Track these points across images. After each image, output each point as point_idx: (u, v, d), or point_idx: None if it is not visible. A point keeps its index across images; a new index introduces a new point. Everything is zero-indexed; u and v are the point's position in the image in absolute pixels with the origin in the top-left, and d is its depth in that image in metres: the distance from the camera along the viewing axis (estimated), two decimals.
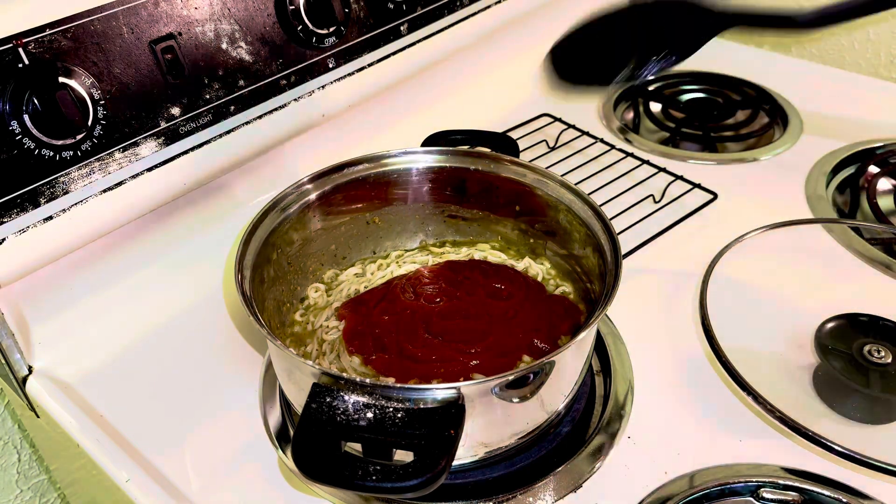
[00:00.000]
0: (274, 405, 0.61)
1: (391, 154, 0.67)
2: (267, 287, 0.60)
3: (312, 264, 0.67)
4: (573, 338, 0.50)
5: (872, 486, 0.53)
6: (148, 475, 0.55)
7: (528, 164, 0.66)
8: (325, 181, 0.65)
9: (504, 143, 0.70)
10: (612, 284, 0.52)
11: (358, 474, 0.41)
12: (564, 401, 0.54)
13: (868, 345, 0.60)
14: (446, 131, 0.71)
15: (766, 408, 0.56)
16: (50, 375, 0.63)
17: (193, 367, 0.65)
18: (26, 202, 0.55)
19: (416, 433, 0.43)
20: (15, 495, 0.93)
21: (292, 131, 0.73)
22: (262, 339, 0.67)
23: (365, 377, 0.56)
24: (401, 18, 0.78)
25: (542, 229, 0.67)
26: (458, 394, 0.45)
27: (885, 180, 0.86)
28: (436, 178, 0.68)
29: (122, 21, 0.58)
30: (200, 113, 0.64)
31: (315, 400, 0.45)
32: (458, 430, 0.44)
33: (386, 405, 0.44)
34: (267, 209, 0.60)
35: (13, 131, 0.53)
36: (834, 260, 0.74)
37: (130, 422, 0.60)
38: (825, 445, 0.53)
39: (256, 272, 0.57)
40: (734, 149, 0.95)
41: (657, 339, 0.66)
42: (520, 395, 0.49)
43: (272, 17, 0.67)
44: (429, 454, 0.42)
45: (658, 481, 0.54)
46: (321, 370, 0.46)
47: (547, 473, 0.54)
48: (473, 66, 0.95)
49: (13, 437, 0.88)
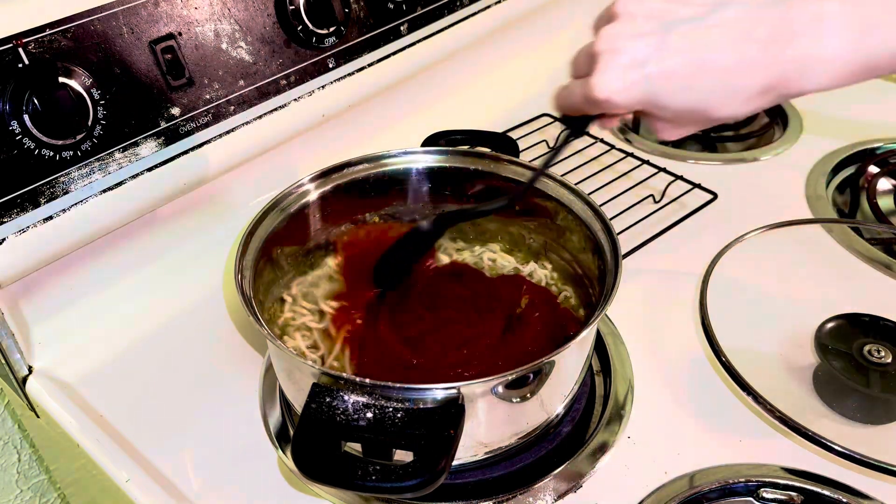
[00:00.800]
0: (274, 405, 0.61)
1: (391, 154, 0.67)
2: (267, 287, 0.60)
3: (312, 264, 0.67)
4: (573, 337, 0.50)
5: (872, 486, 0.53)
6: (148, 475, 0.55)
7: (528, 164, 0.66)
8: (325, 181, 0.65)
9: (504, 143, 0.70)
10: (611, 284, 0.52)
11: (358, 474, 0.41)
12: (564, 401, 0.54)
13: (868, 345, 0.60)
14: (446, 131, 0.71)
15: (766, 408, 0.56)
16: (50, 375, 0.63)
17: (193, 366, 0.65)
18: (26, 202, 0.55)
19: (415, 433, 0.43)
20: (15, 495, 0.93)
21: (292, 131, 0.73)
22: (262, 339, 0.67)
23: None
24: (401, 18, 0.78)
25: (542, 229, 0.67)
26: (457, 393, 0.45)
27: (885, 180, 0.86)
28: (436, 178, 0.68)
29: (122, 21, 0.58)
30: (200, 113, 0.64)
31: (315, 400, 0.45)
32: (458, 429, 0.44)
33: (386, 405, 0.44)
34: (267, 209, 0.60)
35: (13, 131, 0.53)
36: (834, 260, 0.74)
37: (130, 422, 0.60)
38: (825, 445, 0.53)
39: (256, 272, 0.57)
40: (734, 149, 0.95)
41: (657, 339, 0.66)
42: (520, 394, 0.49)
43: (272, 17, 0.67)
44: (429, 454, 0.42)
45: (658, 481, 0.54)
46: (321, 370, 0.46)
47: (547, 473, 0.54)
48: (473, 66, 0.95)
49: (13, 437, 0.88)
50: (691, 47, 0.46)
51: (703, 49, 0.45)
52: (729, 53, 0.45)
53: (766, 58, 0.45)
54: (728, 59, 0.45)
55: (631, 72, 0.46)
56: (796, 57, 0.44)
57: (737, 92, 0.46)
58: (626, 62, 0.46)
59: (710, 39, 0.45)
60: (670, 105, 0.47)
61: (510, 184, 0.66)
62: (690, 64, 0.46)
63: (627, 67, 0.46)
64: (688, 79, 0.46)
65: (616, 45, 0.47)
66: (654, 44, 0.46)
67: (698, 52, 0.45)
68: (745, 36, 0.45)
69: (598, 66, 0.47)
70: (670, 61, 0.46)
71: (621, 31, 0.47)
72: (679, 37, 0.46)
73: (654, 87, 0.46)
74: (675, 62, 0.46)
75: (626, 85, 0.47)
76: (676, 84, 0.46)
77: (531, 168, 0.65)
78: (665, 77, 0.46)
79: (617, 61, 0.47)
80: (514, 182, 0.66)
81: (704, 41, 0.45)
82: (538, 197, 0.65)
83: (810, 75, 0.45)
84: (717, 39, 0.45)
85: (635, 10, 0.48)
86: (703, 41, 0.45)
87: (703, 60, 0.45)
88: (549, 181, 0.64)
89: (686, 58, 0.46)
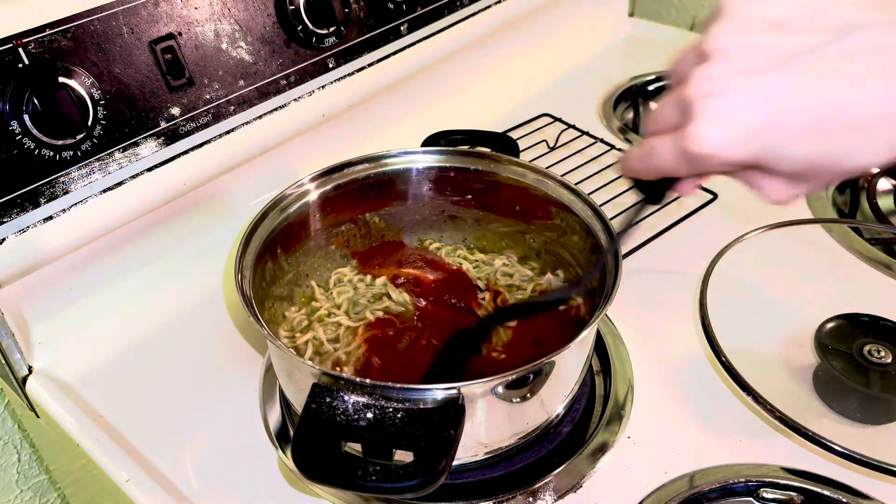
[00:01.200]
0: (274, 405, 0.61)
1: (391, 154, 0.67)
2: (267, 287, 0.60)
3: (312, 264, 0.67)
4: (573, 338, 0.50)
5: (872, 486, 0.53)
6: (148, 475, 0.55)
7: (529, 164, 0.66)
8: (325, 181, 0.65)
9: (504, 143, 0.70)
10: (612, 284, 0.52)
11: (358, 474, 0.41)
12: (565, 401, 0.54)
13: (868, 345, 0.60)
14: (446, 131, 0.71)
15: (766, 408, 0.56)
16: (50, 375, 0.63)
17: (193, 366, 0.65)
18: (26, 202, 0.55)
19: (415, 433, 0.43)
20: (15, 495, 0.93)
21: (292, 131, 0.73)
22: (262, 339, 0.67)
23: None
24: (401, 18, 0.78)
25: (542, 229, 0.67)
26: (458, 394, 0.45)
27: (885, 180, 0.86)
28: (436, 177, 0.68)
29: (122, 21, 0.58)
30: (200, 113, 0.64)
31: (315, 400, 0.45)
32: (458, 430, 0.44)
33: (386, 405, 0.44)
34: (267, 209, 0.60)
35: (13, 131, 0.53)
36: (834, 260, 0.74)
37: (130, 422, 0.60)
38: (825, 445, 0.53)
39: (256, 272, 0.57)
40: None
41: (657, 338, 0.66)
42: (520, 395, 0.49)
43: (272, 17, 0.67)
44: (429, 454, 0.42)
45: (658, 481, 0.54)
46: (321, 370, 0.46)
47: (547, 473, 0.54)
48: (473, 66, 0.95)
49: (13, 437, 0.88)
50: (822, 84, 0.37)
51: (837, 85, 0.37)
52: (871, 89, 0.36)
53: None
54: (870, 96, 0.36)
55: (743, 118, 0.38)
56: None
57: (880, 136, 0.37)
58: (736, 106, 0.38)
59: (844, 73, 0.37)
60: (792, 157, 0.38)
61: (515, 182, 0.66)
62: (822, 105, 0.37)
63: (738, 113, 0.38)
64: (818, 124, 0.37)
65: (719, 86, 0.38)
66: (771, 82, 0.37)
67: (831, 90, 0.37)
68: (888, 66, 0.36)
69: (697, 113, 0.39)
70: (794, 102, 0.37)
71: (723, 69, 0.38)
72: (803, 71, 0.37)
73: (772, 136, 0.38)
74: (801, 103, 0.37)
75: (738, 135, 0.38)
76: (802, 130, 0.37)
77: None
78: (788, 123, 0.37)
79: (723, 106, 0.38)
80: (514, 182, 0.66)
81: (837, 75, 0.37)
82: (538, 196, 0.65)
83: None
84: (853, 72, 0.36)
85: (736, 46, 0.39)
86: (836, 75, 0.37)
87: (838, 99, 0.37)
88: (548, 181, 0.64)
89: (815, 97, 0.37)
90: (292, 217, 0.62)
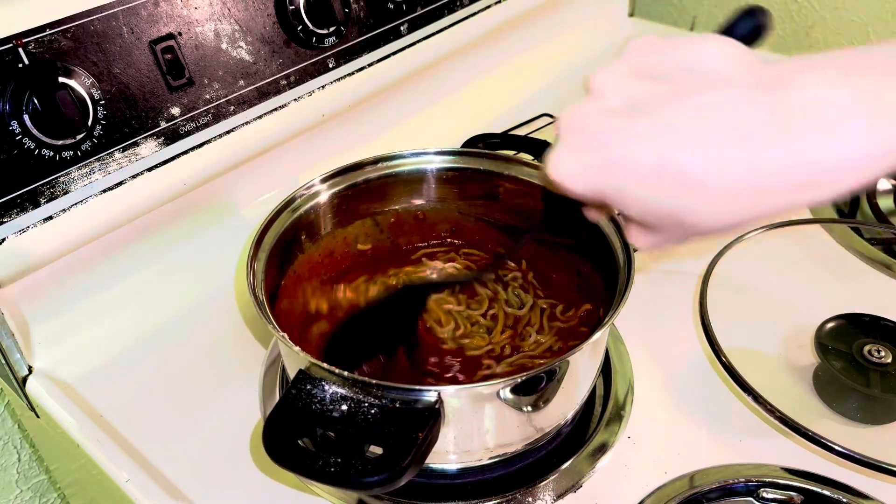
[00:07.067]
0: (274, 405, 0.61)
1: (404, 154, 0.67)
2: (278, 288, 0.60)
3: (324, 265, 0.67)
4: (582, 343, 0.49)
5: (872, 486, 0.53)
6: (148, 475, 0.55)
7: (536, 163, 0.66)
8: (337, 181, 0.65)
9: (539, 148, 0.71)
10: (624, 283, 0.53)
11: (318, 464, 0.41)
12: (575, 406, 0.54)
13: (868, 345, 0.60)
14: (484, 134, 0.73)
15: (766, 408, 0.56)
16: (50, 375, 0.63)
17: (194, 367, 0.65)
18: (26, 202, 0.55)
19: (385, 431, 0.43)
20: (15, 495, 0.93)
21: (292, 131, 0.73)
22: (261, 339, 0.67)
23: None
24: (401, 18, 0.78)
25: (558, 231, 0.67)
26: (437, 397, 0.45)
27: (884, 180, 0.86)
28: (449, 179, 0.68)
29: (122, 21, 0.58)
30: (200, 113, 0.64)
31: (296, 386, 0.45)
32: (430, 432, 0.44)
33: (362, 400, 0.45)
34: (279, 209, 0.60)
35: (13, 131, 0.53)
36: (834, 260, 0.74)
37: (130, 422, 0.60)
38: (825, 445, 0.53)
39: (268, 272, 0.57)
40: None
41: (657, 339, 0.66)
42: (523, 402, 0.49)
43: (272, 17, 0.67)
44: (395, 453, 0.42)
45: (658, 481, 0.54)
46: (310, 360, 0.46)
47: (547, 473, 0.54)
48: (473, 65, 0.95)
49: (13, 437, 0.88)
50: (661, 135, 0.36)
51: (676, 140, 0.36)
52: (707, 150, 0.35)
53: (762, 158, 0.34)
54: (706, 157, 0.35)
55: (587, 155, 0.39)
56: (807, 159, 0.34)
57: (720, 200, 0.36)
58: (581, 143, 0.39)
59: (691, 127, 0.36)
60: (634, 202, 0.38)
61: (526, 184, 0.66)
62: (659, 154, 0.36)
63: (582, 150, 0.39)
64: (654, 173, 0.36)
65: (579, 121, 0.40)
66: (617, 126, 0.38)
67: (669, 143, 0.36)
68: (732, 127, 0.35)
69: (558, 142, 0.41)
70: (631, 149, 0.37)
71: (588, 108, 0.40)
72: (647, 120, 0.37)
73: (613, 179, 0.38)
74: (638, 152, 0.37)
75: (580, 170, 0.39)
76: (640, 176, 0.37)
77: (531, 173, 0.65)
78: (626, 169, 0.37)
79: (577, 140, 0.40)
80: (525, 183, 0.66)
81: (678, 129, 0.36)
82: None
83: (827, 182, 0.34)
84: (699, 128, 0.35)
85: (607, 87, 0.40)
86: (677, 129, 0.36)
87: (671, 155, 0.36)
88: None
89: (656, 146, 0.36)
90: (304, 217, 0.62)
